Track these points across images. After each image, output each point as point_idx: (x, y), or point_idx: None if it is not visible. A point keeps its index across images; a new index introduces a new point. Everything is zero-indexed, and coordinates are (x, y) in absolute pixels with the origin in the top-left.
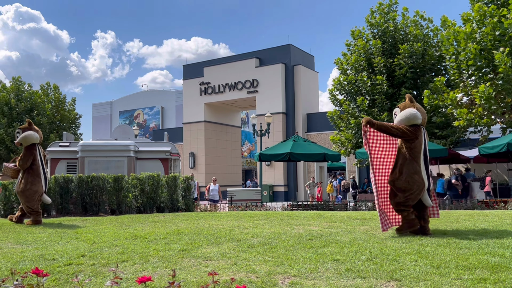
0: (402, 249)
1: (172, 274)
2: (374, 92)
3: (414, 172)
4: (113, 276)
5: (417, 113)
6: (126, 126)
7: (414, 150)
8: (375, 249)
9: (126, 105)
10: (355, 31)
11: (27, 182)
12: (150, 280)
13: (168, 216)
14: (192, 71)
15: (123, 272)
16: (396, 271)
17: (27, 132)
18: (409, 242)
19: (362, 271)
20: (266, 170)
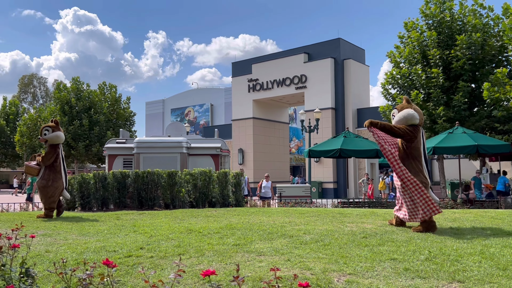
0: (463, 250)
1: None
2: (429, 85)
3: (417, 171)
4: (176, 269)
5: (415, 113)
6: (178, 123)
7: (415, 150)
8: (434, 248)
9: (177, 103)
10: (408, 23)
11: (49, 178)
12: (214, 273)
13: (219, 211)
14: (240, 68)
15: (180, 265)
16: (458, 272)
17: (57, 132)
18: (470, 242)
19: (422, 271)
20: (314, 166)
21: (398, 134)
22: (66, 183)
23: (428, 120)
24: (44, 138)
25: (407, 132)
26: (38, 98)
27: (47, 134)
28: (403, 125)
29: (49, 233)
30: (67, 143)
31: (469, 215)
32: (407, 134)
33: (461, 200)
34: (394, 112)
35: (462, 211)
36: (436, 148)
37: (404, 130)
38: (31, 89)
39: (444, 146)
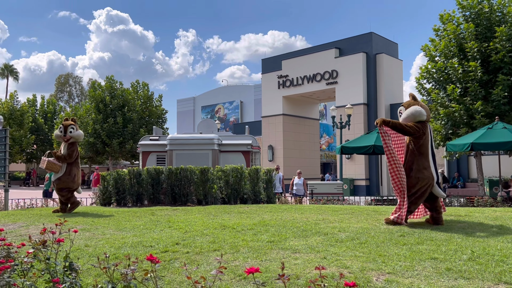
0: (508, 249)
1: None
2: (467, 79)
3: (424, 167)
4: (214, 264)
5: (422, 110)
6: (210, 120)
7: (423, 146)
8: (477, 248)
9: (208, 100)
10: (444, 15)
11: (72, 174)
12: (258, 271)
13: (251, 207)
14: (270, 64)
15: (216, 261)
16: (504, 273)
17: (80, 131)
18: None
19: (465, 272)
20: (346, 163)
21: (408, 132)
22: None
23: (466, 115)
24: (70, 135)
25: (417, 129)
26: (74, 97)
27: (72, 132)
28: (411, 122)
29: (88, 228)
30: (101, 140)
31: (509, 213)
32: (416, 131)
33: (501, 198)
34: (401, 109)
35: (503, 209)
36: (474, 144)
37: (414, 128)
38: (67, 88)
39: (483, 142)
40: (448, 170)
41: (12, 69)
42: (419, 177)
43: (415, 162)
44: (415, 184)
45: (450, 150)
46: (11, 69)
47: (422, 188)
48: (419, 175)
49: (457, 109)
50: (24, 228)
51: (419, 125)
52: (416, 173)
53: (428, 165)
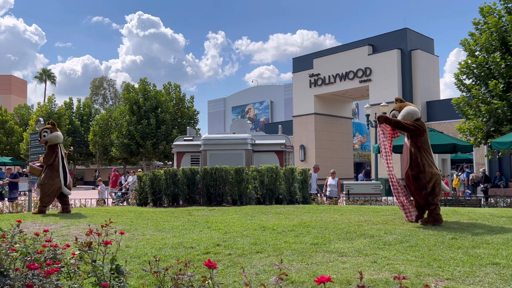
0: None
1: (359, 276)
2: (510, 74)
3: (432, 163)
4: (262, 269)
5: (417, 109)
6: (242, 120)
7: (425, 143)
8: None
9: (238, 100)
10: (484, 8)
11: (46, 176)
12: (330, 280)
13: (288, 208)
14: (301, 63)
15: (260, 263)
16: None
17: (56, 133)
18: None
19: None
20: (380, 162)
21: (409, 129)
22: (66, 180)
23: (509, 112)
24: (44, 139)
25: (418, 126)
26: (108, 99)
27: (46, 135)
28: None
29: (127, 229)
30: (136, 141)
31: None
32: (417, 128)
33: None
34: (394, 113)
35: None
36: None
37: (415, 125)
38: (102, 91)
39: None
40: (489, 169)
41: (49, 73)
42: (432, 172)
43: (423, 159)
44: (429, 180)
45: (495, 148)
46: (48, 73)
47: (437, 182)
48: (431, 170)
49: (500, 105)
50: (65, 229)
51: (419, 123)
52: (428, 168)
53: (433, 161)
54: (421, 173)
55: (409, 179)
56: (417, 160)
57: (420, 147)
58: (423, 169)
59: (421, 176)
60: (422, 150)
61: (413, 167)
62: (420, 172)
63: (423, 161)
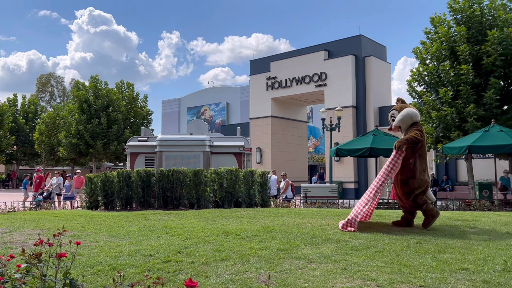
0: None
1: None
2: (458, 82)
3: (424, 169)
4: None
5: (416, 111)
6: (200, 121)
7: (422, 148)
8: (505, 257)
9: (193, 101)
10: (435, 18)
11: None
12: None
13: (248, 211)
14: (258, 66)
15: (226, 272)
16: None
17: None
18: None
19: (504, 285)
20: (335, 166)
21: (418, 141)
22: None
23: (458, 119)
24: None
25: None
26: (56, 97)
27: None
28: (408, 123)
29: (78, 234)
30: (85, 141)
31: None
32: (422, 137)
33: (498, 202)
34: (393, 113)
35: (507, 214)
36: (472, 147)
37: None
38: (49, 88)
39: (481, 145)
40: (437, 173)
41: None
42: (422, 179)
43: (417, 164)
44: (419, 186)
45: (446, 153)
46: None
47: (425, 190)
48: (422, 177)
49: (449, 112)
50: (7, 235)
51: (419, 131)
52: (419, 175)
53: (426, 168)
54: (411, 179)
55: (398, 183)
56: (410, 166)
57: (416, 152)
58: (415, 175)
59: (411, 182)
60: (419, 155)
61: (405, 172)
62: (411, 177)
63: (417, 167)
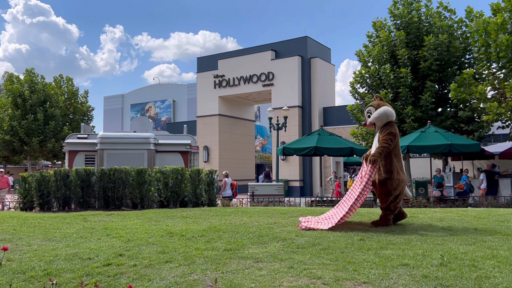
0: (473, 253)
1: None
2: (398, 85)
3: (400, 168)
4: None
5: (392, 110)
6: (144, 118)
7: (396, 148)
8: (442, 252)
9: (138, 98)
10: (377, 22)
11: None
12: None
13: (194, 211)
14: (206, 63)
15: (171, 275)
16: (482, 279)
17: None
18: (473, 244)
19: (442, 278)
20: (281, 164)
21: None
22: None
23: (397, 120)
24: None
25: (394, 137)
26: None
27: None
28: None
29: (9, 238)
30: (19, 138)
31: (451, 214)
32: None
33: (434, 199)
34: (370, 109)
35: (442, 210)
36: (409, 146)
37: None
38: None
39: (418, 145)
40: None
41: None
42: (399, 178)
43: (393, 164)
44: (396, 187)
45: None
46: None
47: (402, 189)
48: (399, 177)
49: None
50: None
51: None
52: (396, 175)
53: (402, 166)
54: (389, 180)
55: (376, 184)
56: (387, 167)
57: (391, 153)
58: (392, 176)
59: (388, 183)
60: (394, 154)
61: (382, 172)
62: (389, 178)
63: (393, 167)
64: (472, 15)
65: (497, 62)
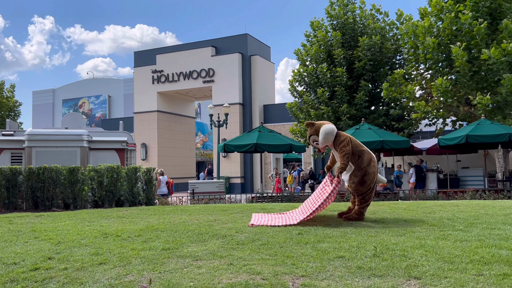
0: (403, 243)
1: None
2: (334, 83)
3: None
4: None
5: (330, 126)
6: (77, 114)
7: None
8: (375, 243)
9: (70, 93)
10: (314, 22)
11: None
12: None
13: (131, 210)
14: (143, 58)
15: (105, 277)
16: (411, 267)
17: None
18: (403, 235)
19: (375, 269)
20: (222, 161)
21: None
22: None
23: (333, 117)
24: None
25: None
26: None
27: None
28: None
29: None
30: None
31: (383, 207)
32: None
33: None
34: (314, 138)
35: (375, 204)
36: None
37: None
38: None
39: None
40: (315, 168)
41: None
42: (374, 171)
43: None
44: (372, 179)
45: None
46: None
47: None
48: (371, 170)
49: (326, 111)
50: None
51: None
52: (369, 168)
53: (371, 158)
54: (365, 176)
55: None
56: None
57: (355, 154)
58: (366, 172)
59: (366, 178)
60: (357, 154)
61: (357, 172)
62: (364, 175)
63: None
64: (402, 18)
65: (424, 63)
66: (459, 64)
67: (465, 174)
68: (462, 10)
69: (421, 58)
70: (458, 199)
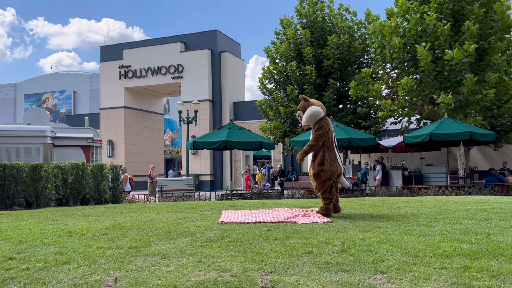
0: (370, 239)
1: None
2: (303, 81)
3: (333, 160)
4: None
5: (319, 108)
6: (40, 109)
7: (329, 140)
8: (342, 239)
9: (33, 88)
10: (284, 20)
11: None
12: None
13: (97, 208)
14: (110, 53)
15: (69, 277)
16: (377, 262)
17: None
18: (370, 231)
19: (342, 264)
20: (191, 159)
21: (317, 144)
22: None
23: None
24: None
25: (320, 135)
26: None
27: None
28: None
29: None
30: None
31: (350, 203)
32: (321, 136)
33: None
34: (299, 113)
35: (343, 200)
36: None
37: (317, 137)
38: None
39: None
40: (284, 165)
41: None
42: (332, 170)
43: (326, 156)
44: (330, 177)
45: (293, 146)
46: None
47: (335, 179)
48: (332, 168)
49: (295, 109)
50: None
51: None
52: (329, 166)
53: (336, 158)
54: (322, 171)
55: (312, 176)
56: (320, 159)
57: (323, 146)
58: (324, 168)
59: (322, 174)
60: (327, 147)
61: (316, 165)
62: (322, 170)
63: (326, 159)
64: (370, 18)
65: (390, 62)
66: (424, 64)
67: (428, 171)
68: (427, 12)
69: (388, 57)
70: (422, 195)
